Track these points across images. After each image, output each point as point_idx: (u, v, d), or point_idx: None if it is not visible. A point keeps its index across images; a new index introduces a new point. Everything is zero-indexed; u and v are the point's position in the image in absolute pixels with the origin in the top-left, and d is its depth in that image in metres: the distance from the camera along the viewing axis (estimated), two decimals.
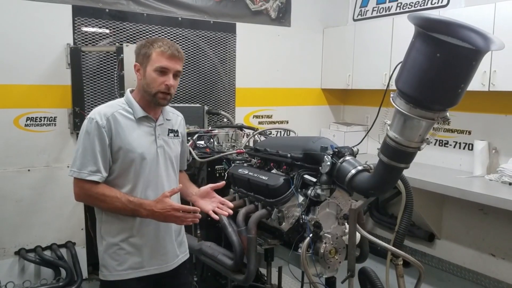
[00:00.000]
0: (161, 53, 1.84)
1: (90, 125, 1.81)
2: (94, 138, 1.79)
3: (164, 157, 1.94)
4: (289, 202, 2.19)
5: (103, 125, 1.80)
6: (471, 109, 3.95)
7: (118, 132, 1.82)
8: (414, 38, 1.53)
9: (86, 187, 1.80)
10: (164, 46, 1.85)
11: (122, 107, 1.88)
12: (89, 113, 1.85)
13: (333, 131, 5.11)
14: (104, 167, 1.81)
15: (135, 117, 1.88)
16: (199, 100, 4.46)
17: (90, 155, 1.79)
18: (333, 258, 2.12)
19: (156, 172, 1.91)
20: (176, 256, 2.02)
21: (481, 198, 3.41)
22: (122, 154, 1.83)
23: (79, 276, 3.79)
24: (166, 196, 1.80)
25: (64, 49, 3.73)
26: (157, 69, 1.84)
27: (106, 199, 1.80)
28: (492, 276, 3.88)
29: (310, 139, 2.28)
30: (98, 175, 1.79)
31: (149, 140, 1.90)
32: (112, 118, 1.82)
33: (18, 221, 3.68)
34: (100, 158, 1.79)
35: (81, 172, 1.79)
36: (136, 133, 1.87)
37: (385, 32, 4.38)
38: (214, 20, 4.48)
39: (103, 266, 1.90)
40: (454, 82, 1.51)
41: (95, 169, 1.79)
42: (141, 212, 1.80)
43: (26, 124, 3.68)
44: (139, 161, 1.86)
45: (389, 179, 1.84)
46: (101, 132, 1.80)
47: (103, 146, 1.80)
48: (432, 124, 1.62)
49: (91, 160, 1.79)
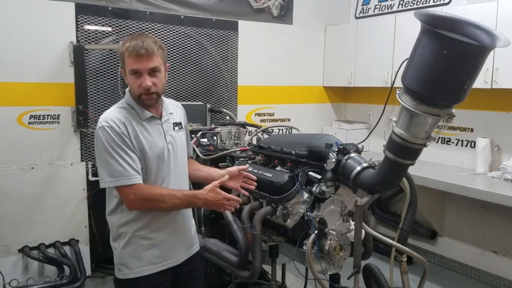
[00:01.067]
0: (129, 55, 1.77)
1: (106, 133, 1.77)
2: (119, 144, 1.76)
3: (174, 152, 1.95)
4: (294, 199, 2.20)
5: (121, 131, 1.77)
6: (473, 106, 3.96)
7: (133, 135, 1.81)
8: (420, 35, 1.54)
9: (140, 192, 1.77)
10: (130, 46, 1.76)
11: (126, 110, 1.85)
12: (99, 123, 1.80)
13: (335, 129, 5.11)
14: (139, 169, 1.80)
15: (141, 118, 1.86)
16: (201, 98, 4.46)
17: (123, 159, 1.75)
18: (338, 255, 2.13)
19: (168, 169, 1.91)
20: (191, 247, 2.06)
21: (484, 195, 3.42)
22: (141, 156, 1.83)
23: (83, 273, 3.80)
24: (216, 185, 1.84)
25: (67, 47, 3.73)
26: (131, 73, 1.80)
27: (166, 198, 1.80)
28: (494, 273, 3.89)
29: (315, 136, 2.28)
30: (139, 176, 1.78)
31: (160, 139, 1.90)
32: (126, 122, 1.81)
33: (22, 219, 3.69)
34: (134, 161, 1.78)
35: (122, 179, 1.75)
36: (148, 134, 1.86)
37: (388, 29, 4.38)
38: (216, 18, 4.48)
39: (122, 264, 1.89)
40: (460, 78, 1.52)
41: (134, 172, 1.77)
42: (196, 202, 1.86)
43: (29, 122, 3.69)
44: (155, 161, 1.86)
45: (395, 176, 1.84)
46: (123, 138, 1.77)
47: (130, 149, 1.78)
48: (438, 120, 1.62)
49: (126, 164, 1.76)
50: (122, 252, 1.88)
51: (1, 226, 3.61)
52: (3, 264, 3.60)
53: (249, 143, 2.99)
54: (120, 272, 1.90)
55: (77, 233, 3.91)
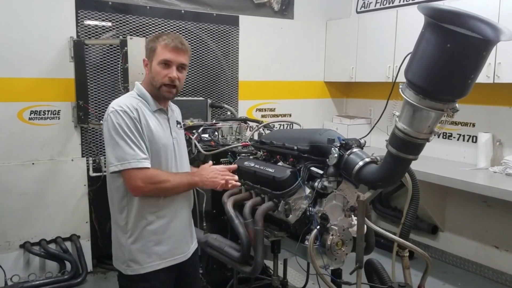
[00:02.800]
0: (165, 46, 1.87)
1: (119, 116, 1.80)
2: (131, 128, 1.79)
3: (179, 148, 2.00)
4: (296, 194, 2.19)
5: (133, 116, 1.81)
6: (475, 101, 3.94)
7: (144, 123, 1.85)
8: (424, 29, 1.52)
9: (149, 175, 1.79)
10: (168, 39, 1.88)
11: (138, 100, 1.91)
12: (111, 108, 1.83)
13: (336, 124, 5.10)
14: (147, 154, 1.83)
15: (152, 109, 1.91)
16: (202, 94, 4.45)
17: (134, 143, 1.78)
18: (340, 250, 2.12)
19: (174, 163, 1.95)
20: (193, 242, 2.11)
21: (485, 190, 3.41)
22: (152, 143, 1.87)
23: (84, 269, 3.81)
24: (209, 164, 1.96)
25: (68, 42, 3.72)
26: (161, 62, 1.88)
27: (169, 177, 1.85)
28: (495, 268, 3.90)
29: (317, 131, 2.27)
30: (148, 162, 1.81)
31: (167, 132, 1.95)
32: (139, 108, 1.85)
33: (23, 215, 3.69)
34: (143, 144, 1.81)
35: (133, 162, 1.77)
36: (158, 124, 1.91)
37: (389, 24, 4.36)
38: (217, 13, 4.46)
39: (131, 260, 1.89)
40: (464, 72, 1.50)
41: (145, 156, 1.80)
42: (194, 179, 1.91)
43: (30, 118, 3.68)
44: (162, 152, 1.90)
45: (397, 171, 1.83)
46: (134, 121, 1.81)
47: (140, 134, 1.81)
48: (441, 115, 1.61)
49: (137, 148, 1.79)
50: (131, 248, 1.89)
51: (3, 222, 3.61)
52: (5, 260, 3.60)
53: (250, 138, 2.98)
54: (129, 269, 1.90)
55: (78, 228, 3.91)
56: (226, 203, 2.45)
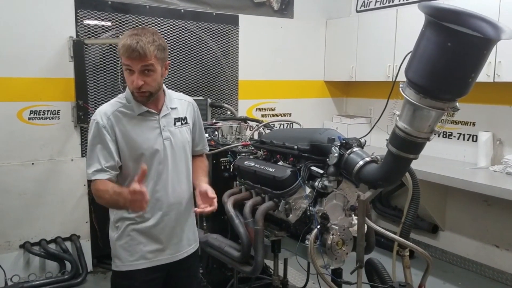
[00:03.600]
0: (122, 48, 1.73)
1: (91, 126, 1.84)
2: (96, 139, 1.81)
3: (172, 149, 1.91)
4: (296, 194, 2.19)
5: (103, 125, 1.81)
6: (475, 100, 3.94)
7: (120, 130, 1.83)
8: (424, 28, 1.52)
9: (93, 187, 1.82)
10: (125, 45, 1.71)
11: (122, 104, 1.87)
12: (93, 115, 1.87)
13: (336, 123, 5.10)
14: (109, 165, 1.81)
15: (136, 113, 1.85)
16: (202, 93, 4.44)
17: (94, 155, 1.82)
18: (340, 250, 2.12)
19: (165, 166, 1.89)
20: (188, 245, 2.03)
21: (485, 189, 3.41)
22: (129, 151, 1.84)
23: (84, 269, 3.80)
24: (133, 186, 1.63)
25: (67, 42, 3.71)
26: (124, 68, 1.79)
27: (99, 193, 1.79)
28: (496, 267, 3.89)
29: (317, 130, 2.27)
30: (102, 173, 1.80)
31: (154, 134, 1.87)
32: (113, 117, 1.83)
33: (22, 215, 3.68)
34: (102, 157, 1.80)
35: (88, 173, 1.82)
36: (139, 129, 1.85)
37: (389, 23, 4.35)
38: (216, 12, 4.45)
39: (115, 256, 1.92)
40: (464, 71, 1.50)
41: (99, 167, 1.80)
42: (119, 201, 1.70)
43: (29, 117, 3.67)
44: (146, 156, 1.85)
45: (398, 170, 1.83)
46: (102, 133, 1.81)
47: (105, 144, 1.80)
48: (441, 114, 1.61)
49: (95, 160, 1.81)
50: (115, 244, 1.91)
51: (2, 222, 3.60)
52: (5, 260, 3.59)
53: (250, 138, 2.98)
54: (113, 264, 1.94)
55: (78, 228, 3.91)
56: (226, 202, 2.45)
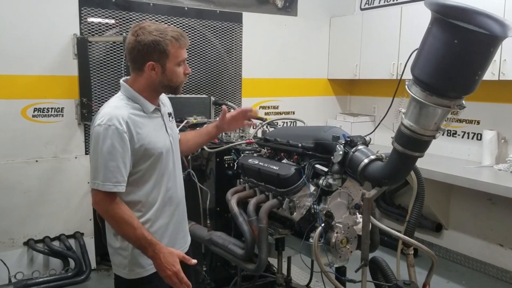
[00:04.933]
0: (179, 46, 1.79)
1: (107, 132, 1.68)
2: (116, 145, 1.68)
3: (174, 144, 1.93)
4: (301, 192, 2.18)
5: (124, 130, 1.69)
6: (480, 98, 3.90)
7: (138, 133, 1.73)
8: (430, 25, 1.51)
9: (109, 200, 1.70)
10: (180, 38, 1.78)
11: (130, 105, 1.77)
12: (100, 119, 1.71)
13: (339, 121, 5.08)
14: (126, 176, 1.73)
15: (146, 112, 1.80)
16: (205, 91, 4.44)
17: (114, 164, 1.68)
18: (345, 248, 2.11)
19: (172, 162, 1.90)
20: (186, 241, 2.06)
21: (490, 187, 3.40)
22: (147, 154, 1.76)
23: (88, 266, 3.81)
24: (180, 256, 1.75)
25: (71, 40, 3.71)
26: (179, 63, 1.80)
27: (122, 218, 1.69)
28: (500, 266, 3.88)
29: (322, 128, 2.26)
30: (122, 185, 1.71)
31: (162, 132, 1.86)
32: (130, 120, 1.72)
33: (27, 212, 3.69)
34: (123, 167, 1.69)
35: (105, 184, 1.68)
36: (152, 129, 1.80)
37: (393, 21, 4.33)
38: (220, 10, 4.45)
39: (134, 265, 1.83)
40: (471, 69, 1.49)
41: (121, 179, 1.69)
42: (148, 251, 1.72)
43: (33, 115, 3.68)
44: (161, 156, 1.81)
45: (403, 168, 1.82)
46: (123, 138, 1.69)
47: (126, 153, 1.70)
48: (448, 112, 1.60)
49: (116, 170, 1.68)
50: (133, 252, 1.81)
51: (6, 219, 3.62)
52: (9, 257, 3.61)
53: (254, 136, 2.97)
54: (133, 273, 1.85)
55: (82, 226, 3.92)
56: (230, 200, 2.44)
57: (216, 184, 2.85)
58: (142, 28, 1.75)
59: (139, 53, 1.75)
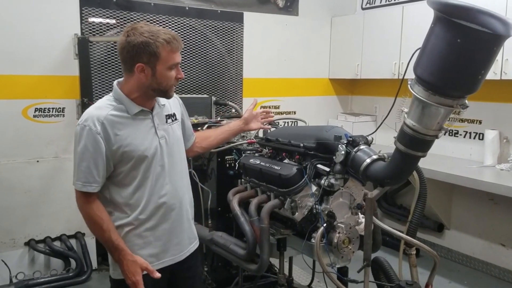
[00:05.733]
0: (171, 50, 1.74)
1: (82, 132, 1.70)
2: (88, 146, 1.69)
3: (168, 147, 1.87)
4: (302, 192, 2.17)
5: (97, 131, 1.69)
6: (482, 98, 3.89)
7: (116, 134, 1.72)
8: (433, 24, 1.50)
9: (83, 199, 1.73)
10: (172, 41, 1.73)
11: (113, 106, 1.76)
12: (80, 119, 1.74)
13: (341, 121, 5.07)
14: (101, 175, 1.73)
15: (130, 113, 1.77)
16: (206, 91, 4.44)
17: (85, 165, 1.70)
18: (347, 248, 2.10)
19: (162, 166, 1.84)
20: (189, 244, 2.00)
21: (492, 187, 3.39)
22: (126, 156, 1.75)
23: (89, 266, 3.81)
24: (143, 267, 1.77)
25: (72, 40, 3.71)
26: (171, 67, 1.76)
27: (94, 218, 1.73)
28: (502, 266, 3.87)
29: (323, 128, 2.25)
30: (92, 186, 1.72)
31: (150, 134, 1.81)
32: (106, 121, 1.71)
33: (28, 212, 3.69)
34: (94, 168, 1.70)
35: (77, 183, 1.72)
36: (134, 131, 1.77)
37: (395, 20, 4.33)
38: (221, 9, 4.44)
39: (116, 264, 1.81)
40: (474, 68, 1.48)
41: (91, 179, 1.71)
42: (113, 254, 1.76)
43: (34, 115, 3.68)
44: (145, 159, 1.78)
45: (406, 168, 1.81)
46: (96, 139, 1.69)
47: (98, 154, 1.70)
48: (450, 111, 1.59)
49: (86, 170, 1.70)
50: None
51: (8, 219, 3.62)
52: (10, 257, 3.60)
53: (255, 135, 2.96)
54: (115, 272, 1.84)
55: (83, 226, 3.80)
56: (232, 200, 2.43)
57: (218, 184, 2.84)
58: (134, 29, 1.74)
59: (128, 54, 1.73)
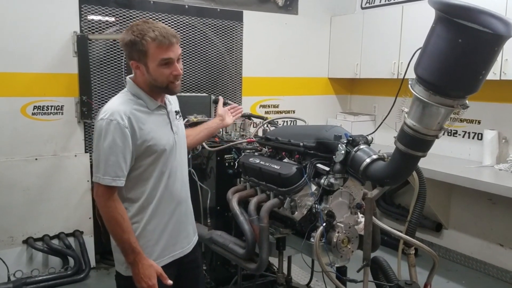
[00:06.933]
0: (160, 45, 1.72)
1: (108, 127, 1.69)
2: (116, 141, 1.69)
3: (180, 143, 1.93)
4: (302, 191, 2.17)
5: (125, 125, 1.70)
6: (481, 98, 3.86)
7: (140, 128, 1.74)
8: (434, 24, 1.50)
9: (107, 195, 1.72)
10: (158, 36, 1.71)
11: (134, 101, 1.79)
12: (103, 114, 1.73)
13: (340, 121, 5.07)
14: (126, 171, 1.74)
15: (150, 108, 1.81)
16: (205, 90, 4.43)
17: (114, 159, 1.70)
18: (346, 247, 2.10)
19: (176, 160, 1.89)
20: (193, 236, 2.05)
21: (490, 187, 3.40)
22: (149, 150, 1.77)
23: (87, 265, 3.80)
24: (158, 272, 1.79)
25: (71, 37, 3.70)
26: (161, 64, 1.75)
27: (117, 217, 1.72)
28: (500, 266, 3.87)
29: (323, 127, 2.25)
30: (121, 180, 1.72)
31: (167, 129, 1.87)
32: (132, 116, 1.73)
33: (26, 210, 3.68)
34: (123, 162, 1.71)
35: (105, 178, 1.70)
36: (155, 125, 1.81)
37: (394, 20, 4.32)
38: (221, 8, 4.43)
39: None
40: (475, 68, 1.48)
41: (121, 174, 1.71)
42: (128, 256, 1.76)
43: (33, 113, 3.67)
44: (164, 153, 1.82)
45: (406, 168, 1.81)
46: (124, 133, 1.70)
47: (127, 147, 1.71)
48: (451, 111, 1.59)
49: (115, 165, 1.70)
50: None
51: (6, 217, 3.60)
52: (8, 255, 3.59)
53: (255, 135, 2.96)
54: (129, 270, 1.84)
55: (81, 224, 3.91)
56: (231, 199, 2.43)
57: (217, 183, 2.84)
58: (132, 26, 1.78)
59: (124, 51, 1.82)
